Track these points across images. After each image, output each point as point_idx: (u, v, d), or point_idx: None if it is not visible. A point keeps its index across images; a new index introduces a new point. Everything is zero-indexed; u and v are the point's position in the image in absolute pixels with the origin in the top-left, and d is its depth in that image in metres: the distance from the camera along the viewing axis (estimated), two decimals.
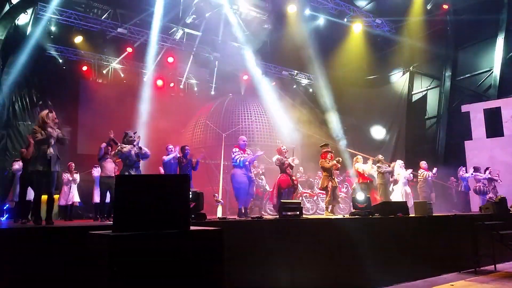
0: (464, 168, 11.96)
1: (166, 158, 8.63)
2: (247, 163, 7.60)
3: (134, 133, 6.90)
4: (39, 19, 12.49)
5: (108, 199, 7.75)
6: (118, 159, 7.31)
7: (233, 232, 4.66)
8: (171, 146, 9.04)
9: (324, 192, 8.50)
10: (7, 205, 8.31)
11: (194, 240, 3.21)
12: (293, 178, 8.05)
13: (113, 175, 7.56)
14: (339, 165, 8.47)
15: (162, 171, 8.81)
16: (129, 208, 3.05)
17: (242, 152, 7.60)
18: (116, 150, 6.84)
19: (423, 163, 11.21)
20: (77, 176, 9.29)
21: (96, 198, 8.78)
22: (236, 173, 7.49)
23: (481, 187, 11.07)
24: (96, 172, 8.68)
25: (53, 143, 5.21)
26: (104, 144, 7.61)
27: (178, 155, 8.54)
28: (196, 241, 3.23)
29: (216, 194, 10.08)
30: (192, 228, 3.38)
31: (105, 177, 7.61)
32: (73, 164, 9.31)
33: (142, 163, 7.11)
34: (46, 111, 5.38)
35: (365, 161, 10.15)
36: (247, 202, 7.73)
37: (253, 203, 10.17)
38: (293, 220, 5.78)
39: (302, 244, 5.43)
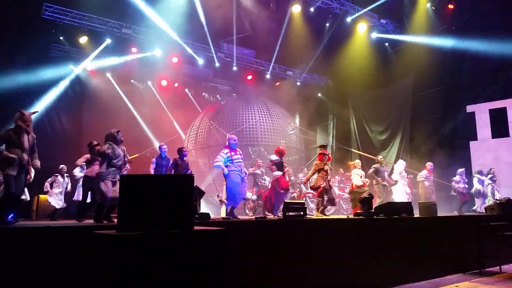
0: (463, 170, 11.85)
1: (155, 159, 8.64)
2: (243, 174, 7.34)
3: (117, 132, 5.97)
4: None
5: (88, 200, 7.36)
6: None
7: (236, 233, 4.67)
8: (164, 146, 9.03)
9: (313, 191, 8.32)
10: None
11: (197, 240, 3.22)
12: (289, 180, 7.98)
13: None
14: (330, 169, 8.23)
15: (152, 171, 8.55)
16: (134, 208, 3.07)
17: (233, 152, 7.25)
18: (101, 150, 5.86)
19: (429, 165, 11.15)
20: (68, 180, 9.34)
21: (79, 197, 8.64)
22: (231, 172, 7.16)
23: (481, 189, 11.06)
24: (79, 171, 8.53)
25: (27, 147, 5.10)
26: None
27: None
28: (200, 241, 3.23)
29: (220, 194, 10.09)
30: (195, 228, 3.38)
31: (89, 177, 7.15)
32: (65, 168, 9.34)
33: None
34: (18, 113, 5.21)
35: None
36: (237, 203, 7.51)
37: (256, 204, 10.16)
38: (297, 220, 5.78)
39: (305, 244, 5.43)
